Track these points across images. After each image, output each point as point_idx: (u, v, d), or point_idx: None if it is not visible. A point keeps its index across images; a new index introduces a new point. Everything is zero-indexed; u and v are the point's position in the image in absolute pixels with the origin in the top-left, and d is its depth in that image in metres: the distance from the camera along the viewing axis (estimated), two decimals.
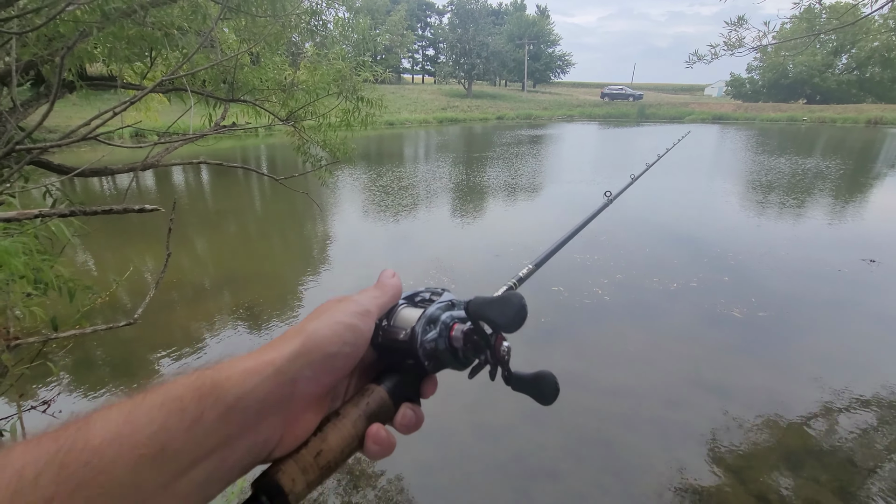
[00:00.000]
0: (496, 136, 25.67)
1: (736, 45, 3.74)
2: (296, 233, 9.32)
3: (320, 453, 0.37)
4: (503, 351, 0.46)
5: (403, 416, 0.43)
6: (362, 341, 0.41)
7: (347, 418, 0.39)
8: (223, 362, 0.35)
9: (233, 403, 0.32)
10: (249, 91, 2.65)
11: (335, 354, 0.38)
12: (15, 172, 1.30)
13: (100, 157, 1.63)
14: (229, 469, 0.33)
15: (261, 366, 0.35)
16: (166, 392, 0.31)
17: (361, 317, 0.41)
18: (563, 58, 54.07)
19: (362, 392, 0.42)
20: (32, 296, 1.68)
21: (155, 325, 5.09)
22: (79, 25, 1.58)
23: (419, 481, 3.18)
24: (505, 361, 0.47)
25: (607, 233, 8.17)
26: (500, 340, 0.46)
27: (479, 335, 0.45)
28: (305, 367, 0.36)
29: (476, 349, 0.46)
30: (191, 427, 0.30)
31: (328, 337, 0.38)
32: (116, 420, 0.28)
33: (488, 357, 0.46)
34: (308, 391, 0.37)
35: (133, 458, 0.27)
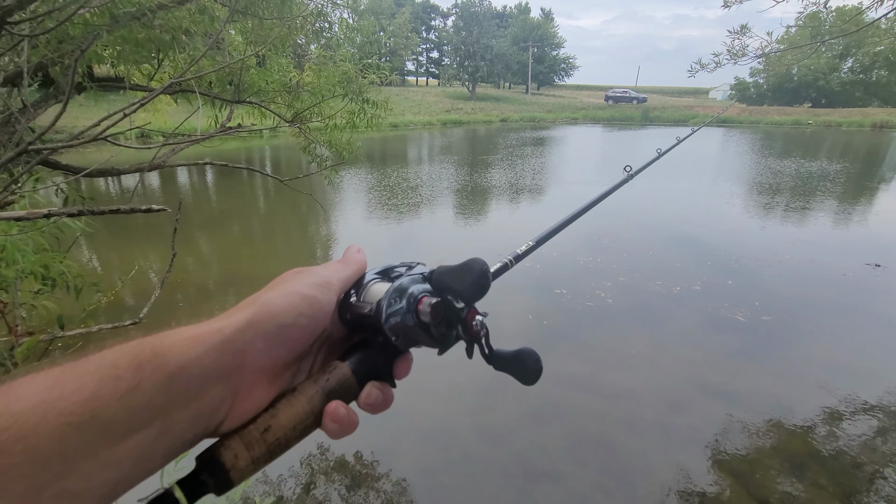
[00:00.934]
0: (500, 138, 25.70)
1: (739, 53, 3.73)
2: (299, 234, 9.35)
3: (269, 429, 0.35)
4: (476, 325, 0.42)
5: (368, 394, 0.39)
6: (321, 314, 0.39)
7: (303, 394, 0.37)
8: (167, 331, 0.33)
9: (174, 371, 0.30)
10: (255, 93, 2.68)
11: (290, 325, 0.36)
12: (25, 172, 1.32)
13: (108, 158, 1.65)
14: (171, 441, 0.31)
15: (206, 334, 0.33)
16: (101, 359, 0.29)
17: (321, 288, 0.39)
18: (567, 60, 54.08)
19: (324, 368, 0.39)
20: (41, 292, 1.70)
21: (158, 325, 5.05)
22: (88, 28, 1.61)
23: (421, 482, 3.19)
24: (479, 337, 0.43)
25: (610, 235, 8.16)
26: (472, 314, 0.43)
27: (449, 309, 0.41)
28: (257, 338, 0.34)
29: (448, 324, 0.42)
30: (126, 395, 0.28)
31: (282, 307, 0.36)
32: (42, 386, 0.27)
33: (460, 332, 0.43)
34: (259, 363, 0.35)
35: (58, 424, 0.25)
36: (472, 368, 0.50)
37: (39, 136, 0.94)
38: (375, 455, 3.38)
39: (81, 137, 1.07)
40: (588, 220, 5.62)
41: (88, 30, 1.60)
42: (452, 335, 0.43)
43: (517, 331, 4.94)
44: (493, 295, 0.55)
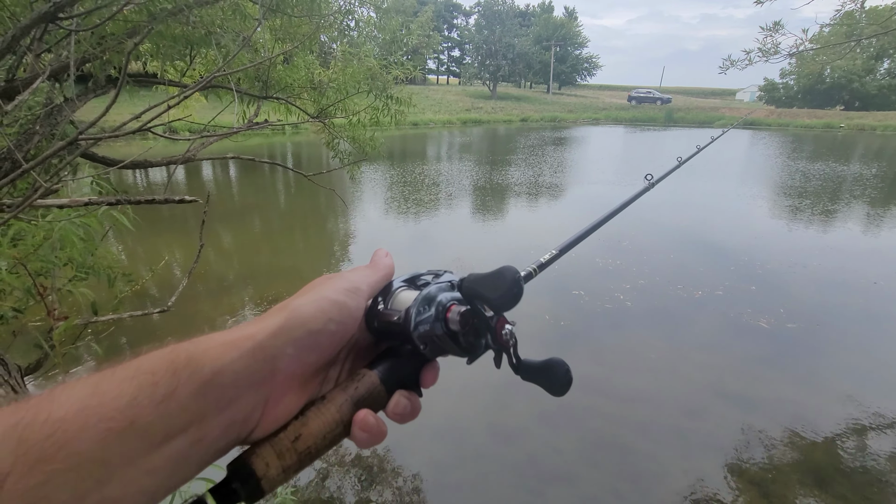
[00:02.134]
0: (520, 138, 25.56)
1: (771, 51, 3.62)
2: (319, 229, 9.48)
3: (299, 437, 0.35)
4: (505, 335, 0.42)
5: (397, 403, 0.39)
6: (350, 320, 0.39)
7: (332, 403, 0.37)
8: (201, 337, 0.33)
9: (208, 378, 0.30)
10: (282, 89, 2.73)
11: (319, 331, 0.36)
12: (69, 162, 1.38)
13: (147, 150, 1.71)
14: (205, 448, 0.31)
15: (239, 340, 0.33)
16: (138, 365, 0.29)
17: (350, 294, 0.39)
18: (589, 60, 53.39)
19: (352, 377, 0.39)
20: (76, 279, 1.77)
21: (182, 314, 5.26)
22: (127, 25, 1.67)
23: (434, 479, 3.21)
24: (508, 346, 0.43)
25: (630, 237, 8.05)
26: (501, 322, 0.42)
27: (478, 316, 0.41)
28: (287, 344, 0.35)
29: (477, 333, 0.42)
30: (163, 401, 0.28)
31: (312, 313, 0.36)
32: (83, 393, 0.27)
33: (489, 341, 0.43)
34: (290, 370, 0.35)
35: (100, 431, 0.26)
36: (486, 367, 0.51)
37: (89, 126, 0.99)
38: (389, 450, 3.42)
39: (124, 129, 1.12)
40: (606, 225, 5.58)
41: (127, 27, 1.66)
42: (481, 344, 0.43)
43: (534, 331, 4.93)
44: None
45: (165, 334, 4.99)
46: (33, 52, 1.44)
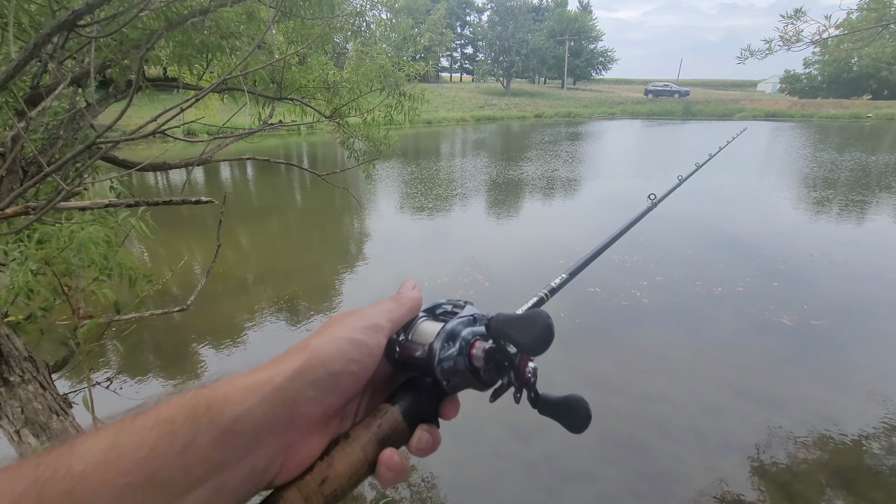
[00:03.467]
0: (534, 134, 25.36)
1: (793, 39, 3.50)
2: (334, 228, 9.56)
3: (326, 480, 0.34)
4: (528, 372, 0.42)
5: (420, 439, 0.39)
6: (370, 359, 0.38)
7: (357, 442, 0.36)
8: (220, 380, 0.33)
9: (229, 425, 0.30)
10: (296, 90, 2.77)
11: (340, 373, 0.35)
12: (90, 165, 1.43)
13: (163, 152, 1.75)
14: (226, 498, 0.30)
15: (259, 384, 0.32)
16: (157, 413, 0.29)
17: (370, 332, 0.38)
18: (605, 54, 52.63)
19: (375, 413, 0.39)
20: (99, 279, 1.83)
21: (201, 313, 5.37)
22: (145, 31, 1.71)
23: (450, 477, 3.22)
24: (531, 384, 0.43)
25: (648, 233, 7.93)
26: (524, 360, 0.43)
27: (502, 354, 0.42)
28: (308, 387, 0.34)
29: (499, 369, 0.42)
30: (183, 451, 0.28)
31: (332, 354, 0.35)
32: (103, 444, 0.27)
33: (512, 379, 0.43)
34: (311, 412, 0.34)
35: (119, 486, 0.25)
36: None
37: (107, 129, 1.02)
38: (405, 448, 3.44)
39: (140, 132, 1.15)
40: (624, 218, 5.48)
41: (144, 33, 1.70)
42: (504, 380, 0.43)
43: None
44: (527, 291, 0.55)
45: (188, 332, 5.11)
46: (56, 60, 1.48)
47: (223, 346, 4.86)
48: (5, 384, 1.60)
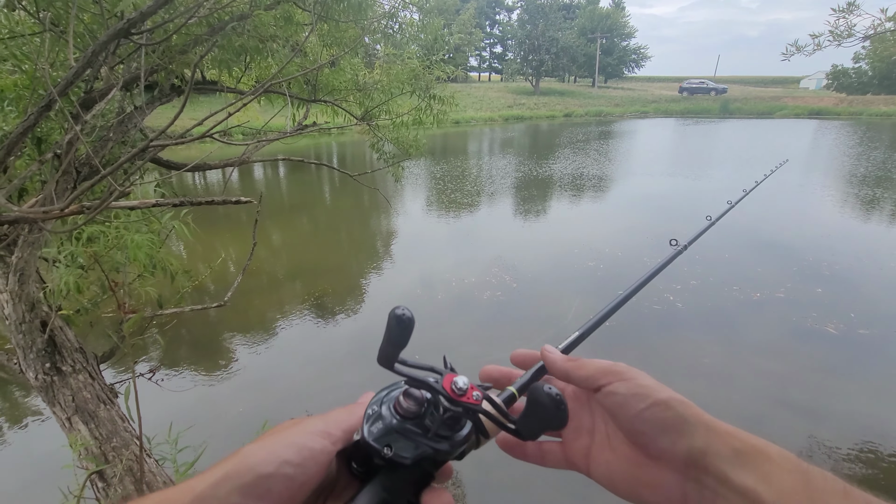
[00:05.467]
0: (563, 133, 25.00)
1: (844, 34, 3.30)
2: (362, 226, 9.69)
3: None
4: (475, 397, 0.37)
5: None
6: (312, 463, 0.34)
7: None
8: (148, 495, 0.31)
9: None
10: (329, 92, 2.82)
11: (271, 475, 0.32)
12: (140, 166, 1.50)
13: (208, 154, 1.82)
14: None
15: (179, 494, 0.30)
16: None
17: (314, 436, 0.35)
18: (637, 51, 51.38)
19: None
20: (143, 276, 1.91)
21: (234, 308, 5.54)
22: (189, 37, 1.78)
23: (475, 477, 3.21)
24: (481, 408, 0.37)
25: (680, 235, 7.65)
26: (448, 380, 0.37)
27: (424, 385, 0.38)
28: (233, 492, 0.31)
29: (435, 405, 0.38)
30: None
31: (263, 457, 0.32)
32: None
33: (463, 418, 0.38)
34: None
35: None
36: None
37: (159, 133, 1.06)
38: None
39: (189, 135, 1.20)
40: (655, 219, 5.51)
41: (188, 38, 1.77)
42: (461, 434, 0.38)
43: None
44: (554, 294, 0.54)
45: (222, 327, 5.29)
46: (108, 66, 1.56)
47: (255, 341, 5.01)
48: (58, 373, 1.70)
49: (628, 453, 0.38)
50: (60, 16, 1.65)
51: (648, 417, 0.36)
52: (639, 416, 0.37)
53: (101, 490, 1.69)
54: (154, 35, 1.28)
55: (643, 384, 0.38)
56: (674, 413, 0.36)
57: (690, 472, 0.34)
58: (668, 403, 0.36)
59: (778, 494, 0.30)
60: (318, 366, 4.57)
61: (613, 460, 0.39)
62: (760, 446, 0.33)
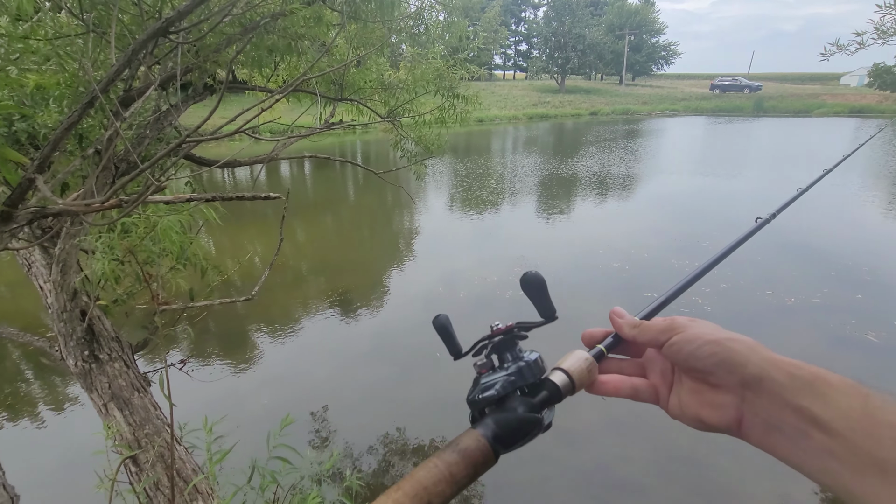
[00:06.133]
0: (588, 131, 24.61)
1: (891, 31, 3.13)
2: (385, 224, 9.77)
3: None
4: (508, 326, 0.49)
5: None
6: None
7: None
8: None
9: None
10: (355, 91, 2.85)
11: None
12: (175, 162, 1.56)
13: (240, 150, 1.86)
14: None
15: None
16: None
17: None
18: (667, 48, 50.10)
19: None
20: (175, 268, 1.98)
21: (259, 302, 5.67)
22: (222, 36, 1.82)
23: (492, 477, 3.20)
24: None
25: (710, 237, 7.49)
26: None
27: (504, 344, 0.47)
28: None
29: (500, 350, 0.48)
30: None
31: None
32: None
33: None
34: None
35: None
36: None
37: (195, 129, 1.10)
38: (445, 440, 3.45)
39: (221, 132, 1.24)
40: (683, 220, 5.36)
41: (221, 38, 1.81)
42: (500, 346, 0.48)
43: None
44: (578, 295, 0.54)
45: (248, 321, 5.42)
46: (145, 65, 1.62)
47: (279, 336, 5.11)
48: (96, 361, 1.77)
49: (693, 386, 0.43)
50: (101, 17, 1.72)
51: (701, 356, 0.40)
52: (693, 356, 0.41)
53: (134, 475, 1.75)
54: (189, 34, 1.32)
55: (696, 332, 0.42)
56: (724, 349, 0.39)
57: (747, 396, 0.38)
58: (718, 342, 0.40)
59: (834, 413, 0.32)
60: (340, 362, 4.64)
61: (683, 393, 0.44)
62: (820, 373, 0.35)
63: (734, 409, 0.39)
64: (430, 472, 0.38)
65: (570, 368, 0.45)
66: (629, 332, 0.47)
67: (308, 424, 3.71)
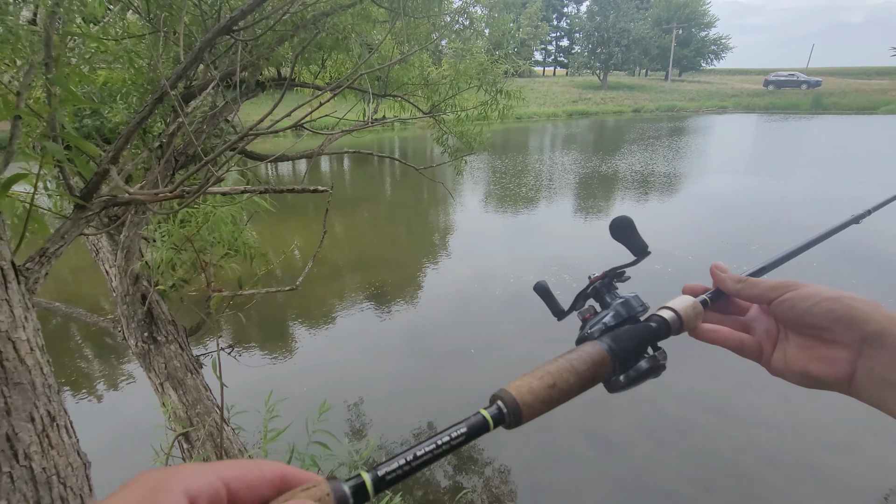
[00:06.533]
0: (630, 129, 23.88)
1: None
2: (421, 220, 9.85)
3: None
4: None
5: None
6: None
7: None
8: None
9: None
10: (398, 87, 2.89)
11: None
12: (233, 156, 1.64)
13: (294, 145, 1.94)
14: None
15: None
16: None
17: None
18: (717, 42, 47.81)
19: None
20: (227, 256, 2.07)
21: (299, 294, 5.85)
22: (276, 33, 1.89)
23: (524, 477, 3.19)
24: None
25: (761, 241, 7.12)
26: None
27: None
28: None
29: (598, 296, 0.53)
30: None
31: None
32: None
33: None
34: None
35: None
36: None
37: (256, 124, 1.15)
38: (480, 441, 3.46)
39: (275, 127, 1.30)
40: (730, 222, 5.14)
41: (275, 35, 1.88)
42: (596, 292, 0.54)
43: None
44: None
45: (288, 310, 5.61)
46: (205, 63, 1.70)
47: (316, 326, 5.27)
48: (154, 342, 1.89)
49: (802, 342, 0.42)
50: (166, 18, 1.82)
51: (819, 312, 0.40)
52: (809, 311, 0.41)
53: (186, 451, 1.86)
54: (246, 33, 1.38)
55: (812, 290, 0.42)
56: (843, 304, 0.39)
57: (864, 351, 0.37)
58: (838, 299, 0.40)
59: None
60: (374, 355, 4.73)
61: (789, 349, 0.43)
62: None
63: (847, 364, 0.38)
64: (554, 362, 0.40)
65: (677, 307, 0.47)
66: (732, 287, 0.48)
67: (343, 414, 3.81)
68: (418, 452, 0.32)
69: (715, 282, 0.50)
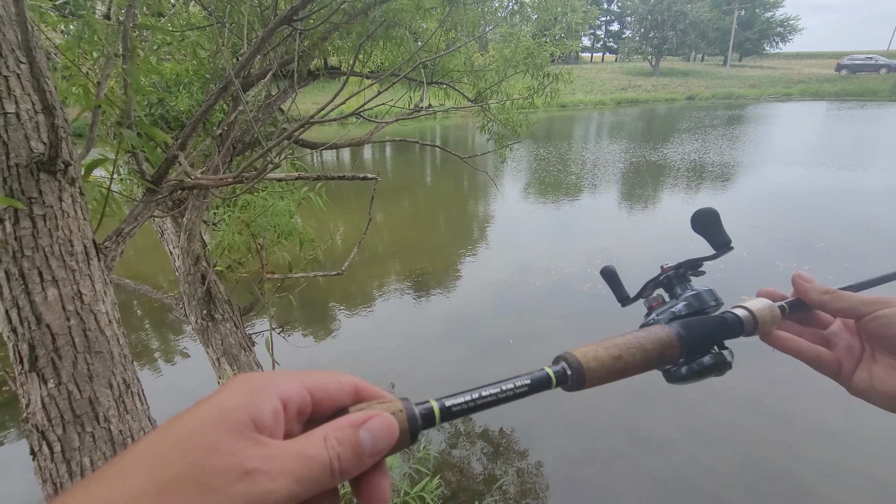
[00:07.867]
0: (683, 118, 22.71)
1: None
2: (461, 208, 9.84)
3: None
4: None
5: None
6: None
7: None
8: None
9: None
10: (444, 75, 2.88)
11: None
12: (289, 144, 1.71)
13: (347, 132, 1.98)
14: None
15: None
16: None
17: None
18: (784, 23, 44.31)
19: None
20: (280, 241, 2.16)
21: (341, 279, 6.01)
22: (329, 23, 1.92)
23: (561, 470, 3.16)
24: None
25: (826, 239, 6.64)
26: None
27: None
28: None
29: (668, 285, 0.52)
30: None
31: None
32: None
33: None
34: None
35: None
36: None
37: (317, 112, 1.19)
38: (514, 430, 3.46)
39: (329, 116, 1.34)
40: (796, 218, 4.84)
41: (329, 25, 1.92)
42: (667, 282, 0.53)
43: None
44: None
45: (330, 294, 5.79)
46: (262, 53, 1.76)
47: (356, 310, 5.41)
48: (212, 320, 2.01)
49: (892, 362, 0.40)
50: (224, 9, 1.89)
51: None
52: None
53: None
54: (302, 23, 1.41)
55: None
56: None
57: None
58: None
59: None
60: (412, 341, 4.81)
61: (876, 369, 0.41)
62: None
63: None
64: (621, 337, 0.41)
65: (754, 308, 0.45)
66: (817, 298, 0.45)
67: None
68: (483, 393, 0.34)
69: (796, 291, 0.47)
